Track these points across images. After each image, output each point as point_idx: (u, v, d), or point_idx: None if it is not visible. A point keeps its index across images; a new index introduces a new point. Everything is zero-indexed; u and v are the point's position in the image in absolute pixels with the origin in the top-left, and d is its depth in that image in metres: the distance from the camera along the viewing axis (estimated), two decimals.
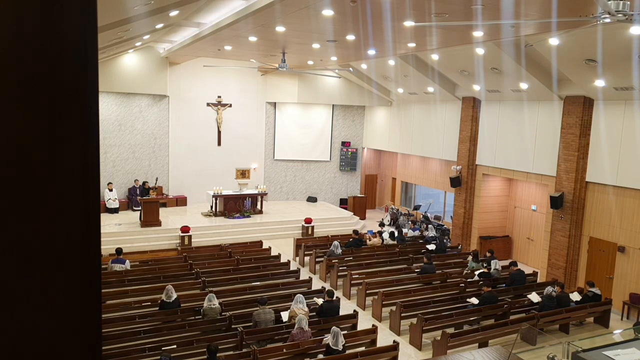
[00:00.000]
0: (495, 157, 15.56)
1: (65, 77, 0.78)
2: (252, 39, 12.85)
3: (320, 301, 10.07)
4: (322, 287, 11.77)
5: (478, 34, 10.76)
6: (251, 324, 9.25)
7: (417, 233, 17.12)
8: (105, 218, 16.64)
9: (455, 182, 16.58)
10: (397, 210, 20.38)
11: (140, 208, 16.60)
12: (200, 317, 9.48)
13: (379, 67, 17.52)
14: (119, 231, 15.71)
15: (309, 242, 15.78)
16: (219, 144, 20.26)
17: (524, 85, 13.41)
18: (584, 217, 12.97)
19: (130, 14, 8.25)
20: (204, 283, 11.57)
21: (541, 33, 10.37)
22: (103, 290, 10.26)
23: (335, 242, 14.32)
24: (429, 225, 17.61)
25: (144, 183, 18.13)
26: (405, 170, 20.97)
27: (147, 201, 16.28)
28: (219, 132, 20.21)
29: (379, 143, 21.74)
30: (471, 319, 10.51)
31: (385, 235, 15.77)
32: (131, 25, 9.93)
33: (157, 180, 18.44)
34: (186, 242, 15.67)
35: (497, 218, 16.63)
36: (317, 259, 14.17)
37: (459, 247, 15.78)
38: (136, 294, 10.89)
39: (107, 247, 13.52)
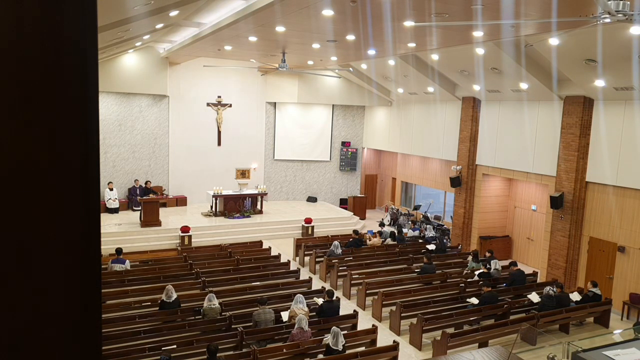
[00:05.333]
0: (495, 157, 15.56)
1: (65, 77, 0.78)
2: (252, 39, 12.85)
3: (320, 301, 10.07)
4: (322, 287, 11.77)
5: (478, 34, 10.76)
6: (251, 324, 9.25)
7: (417, 233, 17.12)
8: (105, 218, 16.64)
9: (455, 182, 16.58)
10: (397, 210, 20.38)
11: (140, 208, 16.60)
12: (200, 317, 9.48)
13: (379, 67, 17.52)
14: (119, 231, 15.71)
15: (309, 242, 15.78)
16: (219, 144, 20.26)
17: (524, 85, 13.41)
18: (584, 217, 12.97)
19: (130, 14, 8.26)
20: (204, 283, 11.57)
21: (541, 33, 10.37)
22: (103, 290, 10.26)
23: (335, 242, 14.32)
24: (428, 226, 17.61)
25: (146, 183, 18.14)
26: (405, 170, 20.97)
27: (147, 201, 16.29)
28: (219, 132, 20.21)
29: (379, 143, 21.74)
30: (471, 319, 10.51)
31: (385, 235, 15.78)
32: (131, 25, 9.93)
33: (163, 190, 18.70)
34: (186, 242, 15.67)
35: (497, 218, 16.63)
36: (317, 259, 14.17)
37: (459, 247, 15.78)
38: (136, 294, 10.89)
39: (107, 247, 13.52)
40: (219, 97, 20.04)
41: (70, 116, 0.79)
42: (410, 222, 18.38)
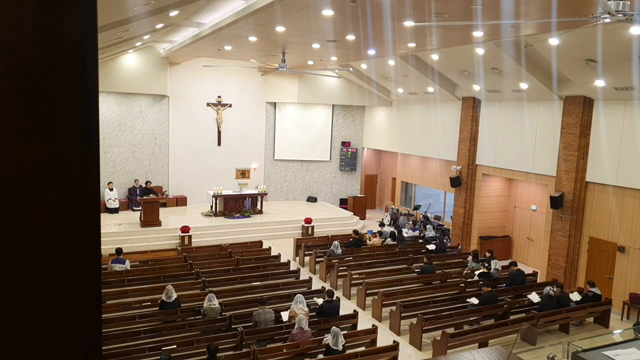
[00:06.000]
0: (495, 157, 15.56)
1: (65, 77, 0.78)
2: (252, 39, 12.85)
3: (320, 301, 10.07)
4: (322, 287, 11.76)
5: (478, 34, 10.76)
6: (251, 324, 9.25)
7: (416, 233, 17.12)
8: (105, 218, 16.64)
9: (455, 182, 16.58)
10: (397, 210, 20.38)
11: (140, 208, 16.60)
12: (200, 317, 9.48)
13: (379, 67, 17.52)
14: (119, 231, 15.71)
15: (309, 242, 15.78)
16: (219, 144, 20.26)
17: (524, 85, 13.41)
18: (584, 217, 12.97)
19: (130, 14, 8.26)
20: (204, 283, 11.57)
21: (541, 33, 10.37)
22: (103, 290, 10.26)
23: (335, 242, 14.32)
24: (427, 226, 17.61)
25: (146, 183, 18.15)
26: (405, 170, 20.97)
27: (147, 201, 16.29)
28: (219, 132, 20.21)
29: (379, 143, 21.74)
30: (471, 319, 10.50)
31: (385, 235, 15.78)
32: (131, 25, 9.93)
33: (163, 190, 18.69)
34: (186, 242, 15.67)
35: (497, 218, 16.63)
36: (317, 259, 14.17)
37: (459, 247, 15.78)
38: (136, 294, 10.89)
39: (107, 247, 13.52)
40: (219, 97, 20.04)
41: (70, 116, 0.79)
42: (410, 222, 18.38)
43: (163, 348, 8.19)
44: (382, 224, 17.36)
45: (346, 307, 11.23)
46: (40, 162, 0.78)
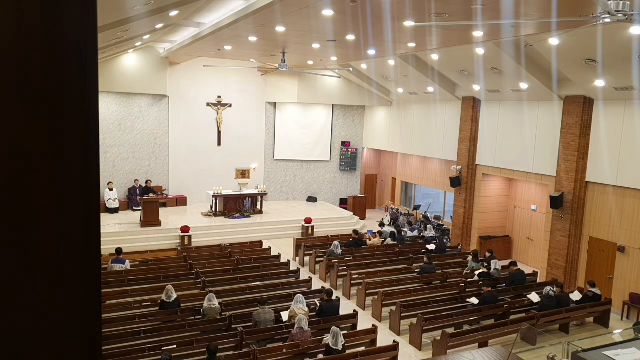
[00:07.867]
0: (495, 157, 15.56)
1: (65, 77, 0.78)
2: (252, 39, 12.85)
3: (317, 302, 10.05)
4: (322, 287, 11.77)
5: (478, 34, 10.76)
6: (251, 324, 9.25)
7: (415, 233, 17.11)
8: (105, 218, 16.64)
9: (455, 182, 16.58)
10: (397, 210, 20.38)
11: (140, 208, 16.60)
12: (200, 317, 9.48)
13: (379, 67, 17.51)
14: (119, 231, 15.70)
15: (309, 242, 15.78)
16: (219, 144, 20.26)
17: (524, 85, 13.41)
18: (584, 217, 12.97)
19: (130, 14, 8.25)
20: (204, 283, 11.57)
21: (541, 33, 10.37)
22: (103, 290, 10.26)
23: (335, 242, 14.32)
24: (428, 225, 17.62)
25: (146, 182, 18.12)
26: (405, 170, 20.97)
27: (147, 201, 16.29)
28: (219, 132, 20.21)
29: (379, 143, 21.74)
30: (471, 319, 10.51)
31: (386, 235, 15.78)
32: (131, 25, 9.93)
33: (163, 190, 18.75)
34: (186, 242, 15.67)
35: (497, 218, 16.63)
36: (317, 259, 14.17)
37: (459, 247, 15.78)
38: (136, 294, 10.89)
39: (107, 247, 13.52)
40: (219, 97, 20.04)
41: (70, 116, 0.79)
42: (407, 223, 18.36)
43: (163, 348, 8.19)
44: (382, 224, 17.35)
45: (346, 307, 11.23)
46: (40, 162, 0.78)
